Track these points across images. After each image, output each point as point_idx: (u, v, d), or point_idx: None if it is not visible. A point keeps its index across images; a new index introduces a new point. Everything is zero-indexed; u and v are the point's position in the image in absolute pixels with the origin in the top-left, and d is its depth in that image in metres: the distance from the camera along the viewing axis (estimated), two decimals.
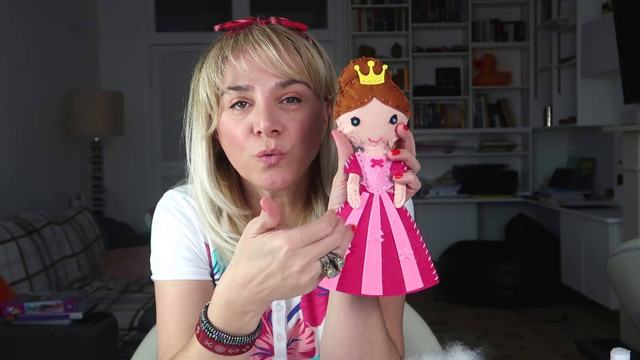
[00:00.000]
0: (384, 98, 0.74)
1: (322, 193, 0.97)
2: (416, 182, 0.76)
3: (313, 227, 0.69)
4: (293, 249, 0.68)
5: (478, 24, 5.08)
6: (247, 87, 0.86)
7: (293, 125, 0.87)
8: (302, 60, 0.87)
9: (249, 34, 0.88)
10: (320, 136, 0.93)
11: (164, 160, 4.99)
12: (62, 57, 4.16)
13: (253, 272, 0.70)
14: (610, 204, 4.11)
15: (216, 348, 0.75)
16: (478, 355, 0.82)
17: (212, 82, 0.89)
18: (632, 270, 2.43)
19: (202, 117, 0.92)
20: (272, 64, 0.85)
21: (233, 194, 0.96)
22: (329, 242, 0.69)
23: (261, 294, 0.71)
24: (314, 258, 0.68)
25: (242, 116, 0.88)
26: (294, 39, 0.88)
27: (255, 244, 0.69)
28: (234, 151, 0.90)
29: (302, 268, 0.68)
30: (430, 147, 5.10)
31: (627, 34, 3.36)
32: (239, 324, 0.75)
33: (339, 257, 0.70)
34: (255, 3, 4.94)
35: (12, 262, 2.69)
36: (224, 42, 0.89)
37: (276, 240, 0.68)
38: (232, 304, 0.73)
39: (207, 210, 0.94)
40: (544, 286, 4.29)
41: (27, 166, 3.61)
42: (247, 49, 0.86)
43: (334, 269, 0.69)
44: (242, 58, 0.86)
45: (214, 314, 0.75)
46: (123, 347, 2.55)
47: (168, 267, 0.95)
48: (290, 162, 0.88)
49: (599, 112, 4.24)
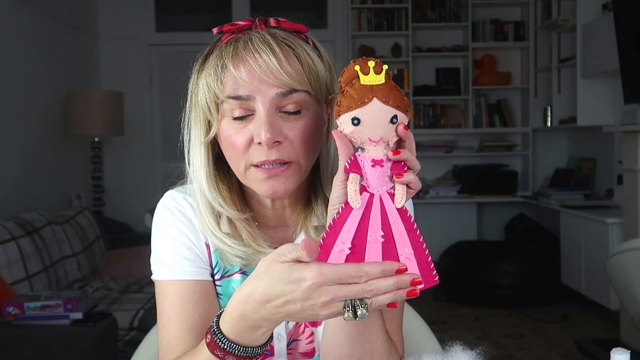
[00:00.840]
0: (384, 98, 0.74)
1: (322, 194, 0.96)
2: (417, 182, 0.76)
3: (347, 270, 0.69)
4: (320, 284, 0.68)
5: (478, 24, 5.08)
6: (248, 97, 0.86)
7: (295, 135, 0.87)
8: (302, 68, 0.86)
9: (249, 41, 0.86)
10: (321, 140, 0.93)
11: (164, 160, 5.00)
12: (62, 57, 4.16)
13: (274, 294, 0.70)
14: (610, 204, 4.11)
15: (227, 358, 0.76)
16: (478, 355, 0.82)
17: (212, 90, 0.88)
18: (632, 270, 2.43)
19: (201, 121, 0.92)
20: (272, 74, 0.84)
21: (233, 197, 0.95)
22: (359, 290, 0.68)
23: (276, 315, 0.72)
24: (338, 297, 0.68)
25: (242, 125, 0.87)
26: (294, 46, 0.87)
27: (284, 269, 0.70)
28: (234, 159, 0.89)
29: (324, 304, 0.68)
30: (430, 147, 5.10)
31: (627, 34, 3.36)
32: (251, 337, 0.75)
33: (364, 306, 0.69)
34: (255, 3, 4.94)
35: (12, 262, 2.69)
36: (224, 48, 0.88)
37: (306, 272, 0.68)
38: (245, 317, 0.74)
39: (206, 212, 0.94)
40: (544, 286, 4.29)
41: (27, 166, 3.61)
42: (247, 58, 0.85)
43: (353, 314, 0.69)
44: (242, 67, 0.85)
45: (227, 325, 0.76)
46: (123, 347, 2.55)
47: (169, 267, 0.94)
48: (295, 173, 0.88)
49: (599, 112, 4.24)
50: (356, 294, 0.68)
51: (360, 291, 0.68)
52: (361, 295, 0.69)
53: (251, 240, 0.93)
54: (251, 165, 0.88)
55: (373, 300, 0.69)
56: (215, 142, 0.94)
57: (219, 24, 0.92)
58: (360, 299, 0.69)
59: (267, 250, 0.92)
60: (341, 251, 0.76)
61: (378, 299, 0.69)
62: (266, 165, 0.86)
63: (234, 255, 0.93)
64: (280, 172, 0.87)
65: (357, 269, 0.68)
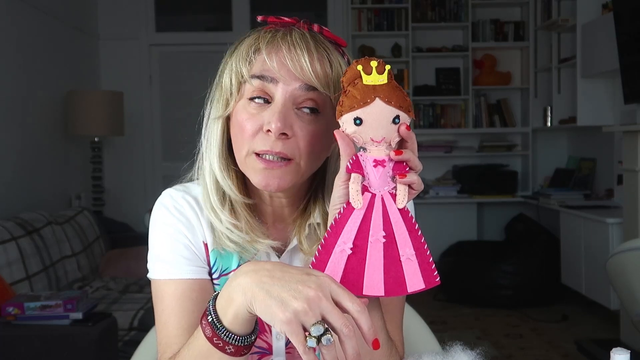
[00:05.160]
0: (386, 98, 0.74)
1: (322, 204, 0.96)
2: (419, 183, 0.76)
3: (352, 298, 0.69)
4: (322, 284, 0.69)
5: (478, 24, 5.08)
6: (272, 80, 0.86)
7: (303, 135, 0.87)
8: (332, 73, 0.87)
9: (288, 34, 0.87)
10: (329, 150, 0.92)
11: (164, 160, 4.99)
12: (62, 57, 4.16)
13: (270, 265, 0.72)
14: (610, 204, 4.11)
15: (215, 340, 0.75)
16: (478, 355, 0.82)
17: (239, 68, 0.88)
18: (632, 270, 2.42)
19: (222, 101, 0.92)
20: (301, 69, 0.85)
21: (239, 183, 0.95)
22: (341, 317, 0.67)
23: (257, 274, 0.71)
24: (320, 304, 0.67)
25: (256, 111, 0.87)
26: (329, 52, 0.88)
27: (301, 272, 0.71)
28: (239, 142, 0.89)
29: (307, 297, 0.67)
30: (430, 147, 5.10)
31: (627, 34, 3.35)
32: (227, 313, 0.73)
33: (330, 336, 0.66)
34: (255, 3, 4.94)
35: (12, 262, 2.69)
36: (262, 34, 0.89)
37: (320, 273, 0.70)
38: (230, 280, 0.73)
39: (212, 191, 0.94)
40: (544, 286, 4.29)
41: (27, 166, 3.61)
42: (282, 47, 0.86)
43: (315, 339, 0.66)
44: (274, 55, 0.86)
45: (218, 302, 0.75)
46: (123, 347, 2.55)
47: (166, 266, 0.94)
48: (292, 172, 0.88)
49: (599, 112, 4.24)
50: (337, 319, 0.67)
51: (341, 320, 0.67)
52: (339, 324, 0.67)
53: (249, 229, 0.93)
54: (253, 153, 0.87)
55: (345, 341, 0.67)
56: (228, 127, 0.94)
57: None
58: (331, 330, 0.67)
59: (263, 241, 0.93)
60: (342, 251, 0.76)
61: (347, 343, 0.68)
62: (267, 156, 0.86)
63: (229, 240, 0.92)
64: (278, 167, 0.87)
65: (362, 305, 0.69)
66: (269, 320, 0.68)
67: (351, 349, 0.67)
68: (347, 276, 0.76)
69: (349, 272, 0.76)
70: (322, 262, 0.77)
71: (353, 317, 0.69)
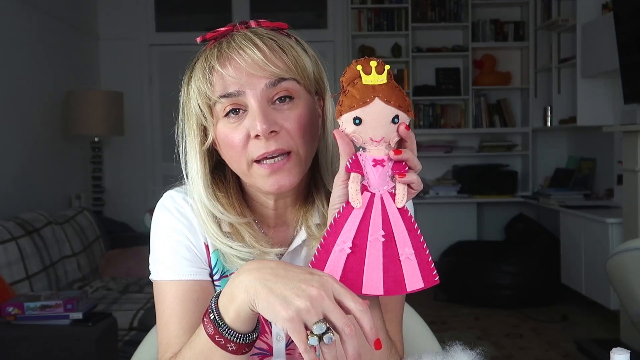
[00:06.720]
0: (386, 98, 0.74)
1: (324, 188, 0.97)
2: (419, 183, 0.76)
3: (355, 298, 0.69)
4: (325, 284, 0.69)
5: (478, 24, 5.08)
6: (238, 93, 0.86)
7: (290, 124, 0.87)
8: (288, 57, 0.88)
9: (232, 40, 0.88)
10: (318, 131, 0.93)
11: (164, 160, 5.00)
12: (62, 57, 4.16)
13: (273, 264, 0.72)
14: (610, 204, 4.11)
15: (217, 337, 0.75)
16: (478, 355, 0.82)
17: (203, 93, 0.89)
18: (632, 270, 2.42)
19: (195, 130, 0.92)
20: (259, 67, 0.86)
21: (231, 202, 0.95)
22: (343, 317, 0.68)
23: (259, 272, 0.71)
24: (322, 303, 0.67)
25: (237, 123, 0.88)
26: (276, 39, 0.89)
27: (304, 271, 0.71)
28: (234, 159, 0.90)
29: (310, 296, 0.67)
30: (430, 147, 5.11)
31: (627, 34, 3.35)
32: (229, 310, 0.73)
33: (331, 335, 0.67)
34: (255, 3, 4.94)
35: (12, 262, 2.69)
36: (208, 52, 0.90)
37: (323, 273, 0.71)
38: (233, 278, 0.73)
39: (208, 220, 0.94)
40: (544, 286, 4.29)
41: (27, 166, 3.61)
42: (232, 55, 0.87)
43: (316, 337, 0.66)
44: (228, 65, 0.87)
45: (220, 299, 0.75)
46: (123, 347, 2.55)
47: (168, 267, 0.95)
48: (296, 164, 0.88)
49: (599, 112, 4.24)
50: (338, 318, 0.67)
51: (343, 319, 0.67)
52: (340, 323, 0.67)
53: (254, 242, 0.93)
54: (253, 162, 0.88)
55: (347, 341, 0.68)
56: (212, 151, 0.94)
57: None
58: (332, 330, 0.67)
59: (269, 251, 0.93)
60: (342, 250, 0.76)
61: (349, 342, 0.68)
62: (267, 160, 0.87)
63: (239, 258, 0.92)
64: (283, 165, 0.87)
65: (364, 305, 0.69)
66: (271, 317, 0.68)
67: (352, 349, 0.68)
68: (346, 275, 0.76)
69: (348, 272, 0.76)
70: (321, 262, 0.77)
71: (355, 317, 0.69)
